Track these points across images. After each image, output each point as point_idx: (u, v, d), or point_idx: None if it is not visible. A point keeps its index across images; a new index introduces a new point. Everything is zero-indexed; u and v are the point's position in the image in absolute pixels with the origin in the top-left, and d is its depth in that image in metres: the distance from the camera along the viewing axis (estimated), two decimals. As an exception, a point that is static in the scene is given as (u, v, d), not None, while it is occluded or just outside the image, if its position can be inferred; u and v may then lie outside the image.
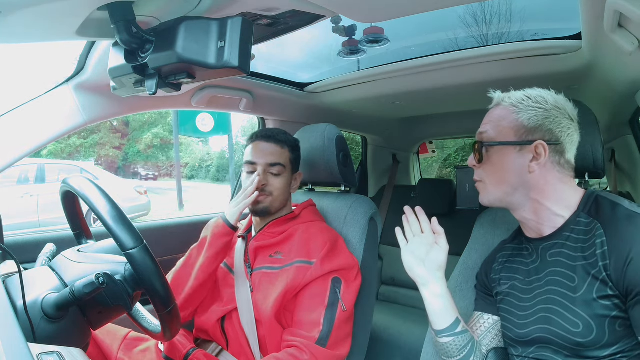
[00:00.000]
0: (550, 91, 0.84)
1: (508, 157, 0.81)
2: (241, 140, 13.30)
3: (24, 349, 0.47)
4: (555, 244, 0.79)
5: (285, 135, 1.23)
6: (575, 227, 0.78)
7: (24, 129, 1.06)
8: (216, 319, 1.09)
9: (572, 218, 0.79)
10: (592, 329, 0.70)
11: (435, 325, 0.87)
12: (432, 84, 1.53)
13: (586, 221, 0.76)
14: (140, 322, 0.82)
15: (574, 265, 0.74)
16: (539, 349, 0.78)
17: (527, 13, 1.61)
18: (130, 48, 0.69)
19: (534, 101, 0.81)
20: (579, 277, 0.73)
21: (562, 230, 0.79)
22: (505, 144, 0.82)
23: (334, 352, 1.00)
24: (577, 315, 0.72)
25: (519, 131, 0.81)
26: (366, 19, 0.81)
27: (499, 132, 0.83)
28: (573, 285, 0.74)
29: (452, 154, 7.94)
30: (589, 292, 0.71)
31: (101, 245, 0.84)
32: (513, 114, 0.82)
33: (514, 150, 0.81)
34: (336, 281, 1.06)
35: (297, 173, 1.25)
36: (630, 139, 1.80)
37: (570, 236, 0.78)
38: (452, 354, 0.86)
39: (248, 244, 1.19)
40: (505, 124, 0.82)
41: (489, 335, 0.90)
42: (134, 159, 13.42)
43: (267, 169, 1.17)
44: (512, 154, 0.81)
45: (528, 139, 0.80)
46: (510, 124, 0.82)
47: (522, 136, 0.81)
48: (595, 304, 0.70)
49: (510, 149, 0.81)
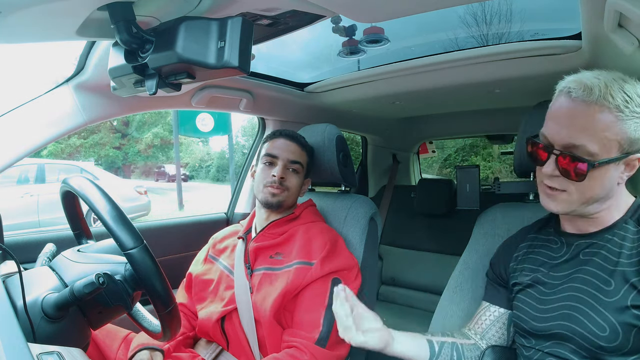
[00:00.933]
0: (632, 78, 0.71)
1: (608, 174, 0.70)
2: (241, 140, 13.31)
3: (24, 349, 0.47)
4: (594, 243, 0.77)
5: (306, 140, 1.27)
6: (619, 232, 0.75)
7: (24, 129, 1.06)
8: (216, 319, 1.09)
9: (619, 222, 0.76)
10: (619, 335, 0.69)
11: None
12: (432, 84, 1.53)
13: (634, 229, 0.74)
14: (140, 322, 0.82)
15: (613, 270, 0.72)
16: (556, 344, 0.76)
17: (527, 13, 1.61)
18: (130, 48, 0.69)
19: (637, 104, 0.67)
20: (616, 281, 0.71)
21: (605, 231, 0.77)
22: (612, 162, 0.68)
23: (334, 353, 1.00)
24: (606, 319, 0.70)
25: (624, 144, 0.68)
26: (366, 19, 0.81)
27: (602, 146, 0.68)
28: (607, 288, 0.71)
29: (452, 154, 7.94)
30: (624, 299, 0.69)
31: (101, 245, 0.84)
32: (619, 121, 0.67)
33: (615, 165, 0.70)
34: (336, 282, 1.06)
35: (307, 179, 1.28)
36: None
37: (613, 239, 0.75)
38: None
39: (248, 244, 1.19)
40: (611, 135, 0.67)
41: (493, 328, 0.89)
42: (133, 159, 13.42)
43: (288, 165, 1.19)
44: (612, 170, 0.70)
45: (629, 151, 0.69)
46: (616, 135, 0.67)
47: (625, 149, 0.69)
48: (628, 312, 0.69)
49: (611, 165, 0.69)
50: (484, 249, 1.05)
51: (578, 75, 0.73)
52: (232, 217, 1.83)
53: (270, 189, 1.16)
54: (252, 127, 12.70)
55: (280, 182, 1.16)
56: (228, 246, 1.25)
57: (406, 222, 2.37)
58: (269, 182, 1.17)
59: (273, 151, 1.20)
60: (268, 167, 1.19)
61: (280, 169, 1.17)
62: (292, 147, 1.21)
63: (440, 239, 2.19)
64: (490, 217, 1.11)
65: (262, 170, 1.20)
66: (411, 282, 2.20)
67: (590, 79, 0.69)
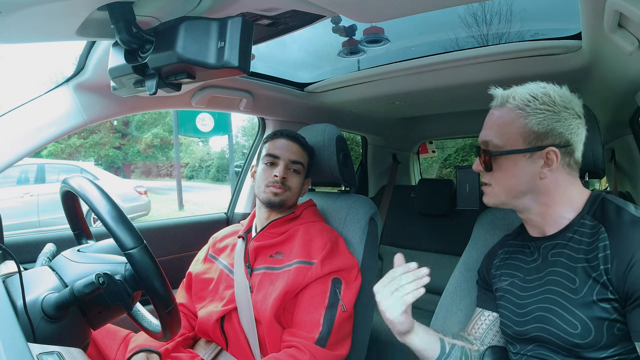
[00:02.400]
0: (554, 85, 0.80)
1: (518, 165, 0.78)
2: (241, 140, 13.31)
3: (24, 349, 0.47)
4: (558, 244, 0.79)
5: (306, 141, 1.27)
6: (579, 229, 0.77)
7: (24, 129, 1.06)
8: (216, 319, 1.09)
9: (577, 219, 0.78)
10: (591, 330, 0.70)
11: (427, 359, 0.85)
12: (432, 84, 1.53)
13: (590, 224, 0.76)
14: (140, 322, 0.82)
15: (575, 267, 0.74)
16: (537, 347, 0.79)
17: (527, 13, 1.61)
18: (130, 48, 0.69)
19: (541, 102, 0.76)
20: (580, 279, 0.73)
21: (565, 230, 0.79)
22: (514, 152, 0.78)
23: (334, 352, 1.00)
24: (576, 317, 0.72)
25: (528, 137, 0.77)
26: (366, 19, 0.81)
27: (506, 140, 0.78)
28: (573, 286, 0.73)
29: (452, 154, 7.94)
30: (589, 295, 0.71)
31: (101, 245, 0.84)
32: (520, 118, 0.77)
33: (523, 157, 0.78)
34: (336, 282, 1.06)
35: (307, 179, 1.28)
36: (630, 139, 1.80)
37: (573, 237, 0.77)
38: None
39: (248, 244, 1.19)
40: (513, 129, 0.78)
41: (490, 333, 0.90)
42: (133, 158, 13.42)
43: (289, 165, 1.19)
44: (522, 161, 0.78)
45: (538, 144, 0.76)
46: (518, 129, 0.77)
47: (531, 142, 0.77)
48: (595, 307, 0.70)
49: (519, 156, 0.78)
50: (484, 249, 1.05)
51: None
52: (232, 217, 1.83)
53: (272, 189, 1.16)
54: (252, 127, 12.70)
55: (282, 182, 1.17)
56: (228, 245, 1.25)
57: (406, 222, 2.37)
58: (271, 181, 1.17)
59: (274, 151, 1.20)
60: (269, 167, 1.20)
61: (282, 169, 1.17)
62: (294, 147, 1.21)
63: (440, 239, 2.18)
64: (490, 217, 1.11)
65: (264, 171, 1.20)
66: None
67: (502, 90, 0.83)
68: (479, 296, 0.96)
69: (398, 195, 2.52)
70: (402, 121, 2.43)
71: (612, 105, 1.57)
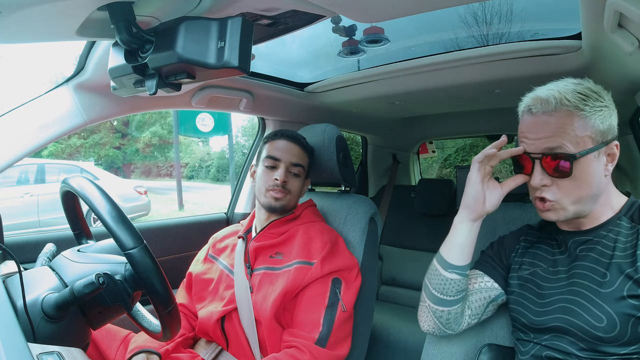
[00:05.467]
0: (586, 80, 0.78)
1: (592, 166, 0.74)
2: (241, 140, 13.31)
3: (24, 349, 0.47)
4: (590, 240, 0.79)
5: (306, 141, 1.26)
6: (614, 228, 0.78)
7: (24, 129, 1.06)
8: (216, 319, 1.09)
9: (614, 218, 0.79)
10: (616, 325, 0.70)
11: (450, 258, 0.85)
12: (432, 84, 1.53)
13: (628, 225, 0.77)
14: (140, 322, 0.82)
15: (608, 262, 0.75)
16: (555, 337, 0.78)
17: (527, 13, 1.61)
18: (130, 48, 0.69)
19: (594, 99, 0.74)
20: (612, 273, 0.73)
21: (599, 228, 0.79)
22: (590, 152, 0.73)
23: (334, 353, 1.00)
24: (603, 310, 0.72)
25: (596, 136, 0.74)
26: (366, 19, 0.81)
27: (577, 144, 0.73)
28: (603, 280, 0.74)
29: (452, 154, 7.93)
30: (619, 290, 0.71)
31: (101, 245, 0.84)
32: (583, 119, 0.73)
33: (594, 158, 0.74)
34: (336, 282, 1.06)
35: (307, 179, 1.28)
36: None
37: (608, 235, 0.77)
38: (449, 293, 0.84)
39: (248, 244, 1.19)
40: (581, 132, 0.73)
41: (479, 294, 0.89)
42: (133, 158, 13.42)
43: (290, 168, 1.18)
44: (594, 161, 0.74)
45: (604, 140, 0.75)
46: (586, 131, 0.73)
47: (598, 141, 0.74)
48: (625, 302, 0.71)
49: (591, 157, 0.74)
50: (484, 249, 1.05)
51: (533, 92, 0.79)
52: (232, 217, 1.83)
53: (273, 193, 1.16)
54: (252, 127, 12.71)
55: (282, 186, 1.16)
56: (228, 245, 1.25)
57: (406, 222, 2.37)
58: (272, 185, 1.16)
59: (275, 153, 1.19)
60: (270, 170, 1.18)
61: (283, 172, 1.17)
62: (294, 149, 1.21)
63: (440, 239, 2.16)
64: (491, 217, 1.11)
65: (264, 173, 1.19)
66: (411, 282, 2.20)
67: (544, 92, 0.76)
68: (482, 262, 0.94)
69: (398, 195, 2.52)
70: (402, 121, 2.43)
71: (612, 105, 1.57)
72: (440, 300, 0.85)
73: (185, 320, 1.17)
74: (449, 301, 0.85)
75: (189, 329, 1.17)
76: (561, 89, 0.75)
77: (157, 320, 0.80)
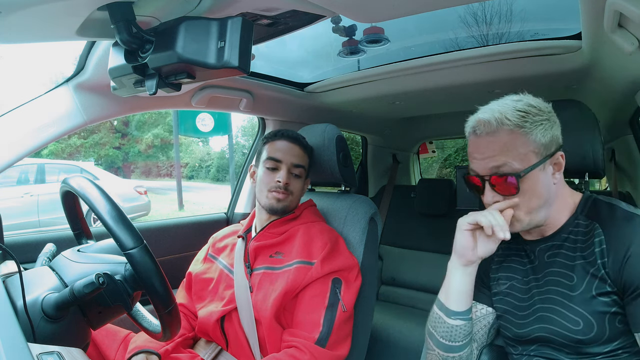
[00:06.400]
0: (526, 95, 0.80)
1: (539, 180, 0.77)
2: (241, 140, 13.31)
3: (24, 349, 0.47)
4: (553, 245, 0.81)
5: (306, 141, 1.26)
6: (574, 229, 0.79)
7: (24, 129, 1.06)
8: (216, 319, 1.09)
9: (571, 220, 0.80)
10: (593, 325, 0.72)
11: (452, 306, 0.84)
12: (432, 84, 1.53)
13: (585, 222, 0.78)
14: (140, 322, 0.82)
15: (573, 265, 0.76)
16: (540, 347, 0.79)
17: (527, 13, 1.61)
18: (130, 48, 0.69)
19: (533, 115, 0.76)
20: (578, 275, 0.75)
21: (560, 232, 0.81)
22: (534, 167, 0.75)
23: (334, 353, 1.00)
24: (577, 313, 0.73)
25: (539, 150, 0.76)
26: (366, 19, 0.82)
27: (521, 160, 0.75)
28: (571, 283, 0.75)
29: (452, 154, 7.93)
30: (588, 290, 0.73)
31: (101, 245, 0.84)
32: (524, 136, 0.75)
33: (540, 171, 0.76)
34: (336, 282, 1.06)
35: (307, 179, 1.27)
36: (630, 139, 1.80)
37: (569, 237, 0.79)
38: (457, 339, 0.84)
39: (248, 244, 1.18)
40: (524, 149, 0.75)
41: (479, 324, 0.90)
42: (133, 158, 13.42)
43: (291, 169, 1.18)
44: (540, 175, 0.77)
45: (547, 154, 0.77)
46: (528, 147, 0.75)
47: (542, 154, 0.76)
48: (595, 301, 0.72)
49: (537, 171, 0.76)
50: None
51: (477, 114, 0.81)
52: (232, 217, 1.83)
53: (275, 194, 1.16)
54: (252, 127, 12.70)
55: (284, 187, 1.16)
56: (228, 245, 1.24)
57: (406, 222, 2.37)
58: (274, 187, 1.16)
59: (276, 155, 1.18)
60: (271, 171, 1.18)
61: (285, 174, 1.16)
62: (295, 150, 1.20)
63: (440, 239, 2.18)
64: None
65: (265, 175, 1.18)
66: (411, 282, 2.20)
67: (486, 114, 0.78)
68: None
69: (398, 195, 2.52)
70: (402, 121, 2.43)
71: (612, 105, 1.57)
72: (449, 347, 0.85)
73: (185, 320, 1.16)
74: (458, 346, 0.85)
75: (189, 329, 1.17)
76: (502, 109, 0.77)
77: (157, 320, 0.80)
